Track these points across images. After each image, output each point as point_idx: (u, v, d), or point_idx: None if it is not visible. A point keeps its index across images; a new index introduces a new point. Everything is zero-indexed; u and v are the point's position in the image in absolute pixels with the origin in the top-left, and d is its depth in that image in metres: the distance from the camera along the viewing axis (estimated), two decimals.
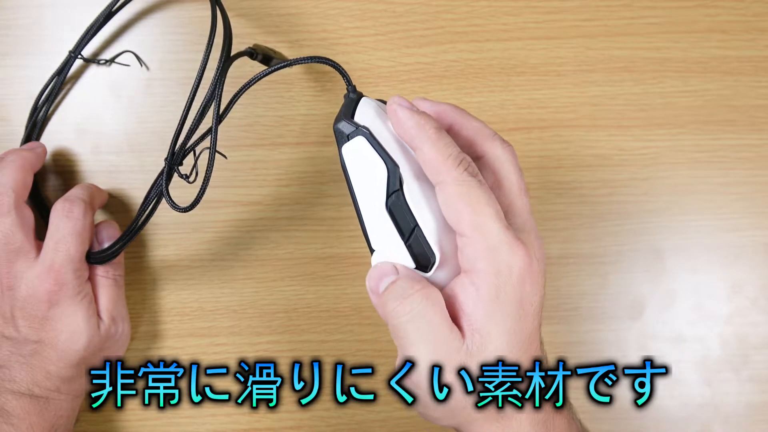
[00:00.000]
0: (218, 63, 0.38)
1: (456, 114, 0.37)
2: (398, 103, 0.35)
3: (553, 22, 0.49)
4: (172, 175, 0.39)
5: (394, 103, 0.35)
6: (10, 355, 0.41)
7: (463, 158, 0.34)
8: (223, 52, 0.39)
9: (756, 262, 0.49)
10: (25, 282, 0.41)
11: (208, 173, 0.38)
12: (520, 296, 0.33)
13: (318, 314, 0.48)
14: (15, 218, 0.41)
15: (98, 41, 0.47)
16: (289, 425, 0.48)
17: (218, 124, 0.38)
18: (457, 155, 0.34)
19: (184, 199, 0.39)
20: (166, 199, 0.39)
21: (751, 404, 0.49)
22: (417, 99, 0.37)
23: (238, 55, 0.40)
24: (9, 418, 0.40)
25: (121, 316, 0.45)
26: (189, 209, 0.38)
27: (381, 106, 0.37)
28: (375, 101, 0.37)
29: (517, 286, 0.33)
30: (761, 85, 0.49)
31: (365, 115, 0.36)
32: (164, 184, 0.39)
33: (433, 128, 0.34)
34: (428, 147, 0.34)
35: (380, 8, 0.48)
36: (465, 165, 0.33)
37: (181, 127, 0.39)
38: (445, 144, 0.34)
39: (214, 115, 0.38)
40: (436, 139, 0.34)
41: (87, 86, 0.48)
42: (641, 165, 0.49)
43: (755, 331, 0.49)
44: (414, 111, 0.35)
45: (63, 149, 0.47)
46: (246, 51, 0.41)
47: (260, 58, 0.42)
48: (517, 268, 0.33)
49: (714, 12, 0.49)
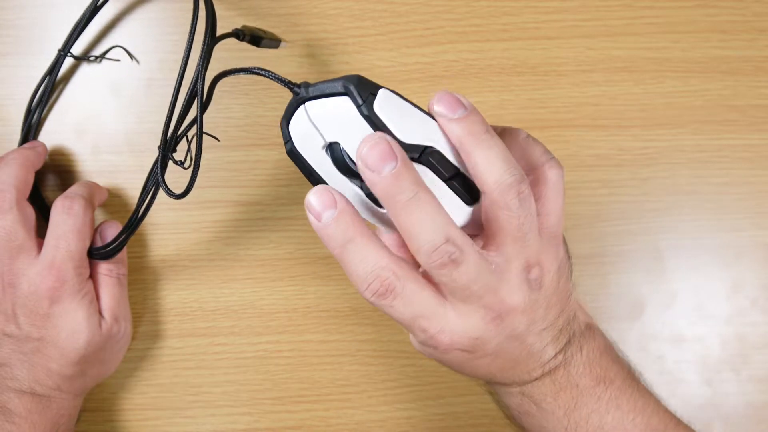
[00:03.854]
0: (203, 44, 0.38)
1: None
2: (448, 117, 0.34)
3: (553, 22, 0.49)
4: (167, 162, 0.39)
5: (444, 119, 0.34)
6: (12, 353, 0.41)
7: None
8: (207, 32, 0.38)
9: (756, 262, 0.49)
10: (27, 279, 0.41)
11: (198, 155, 0.37)
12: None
13: (318, 314, 0.48)
14: (17, 215, 0.41)
15: (98, 41, 0.47)
16: (289, 425, 0.48)
17: (203, 106, 0.37)
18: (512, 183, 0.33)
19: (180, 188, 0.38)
20: (162, 188, 0.38)
21: (751, 404, 0.49)
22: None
23: (224, 36, 0.39)
24: (11, 417, 0.40)
25: (124, 315, 0.45)
26: (183, 195, 0.38)
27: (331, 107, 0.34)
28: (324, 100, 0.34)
29: None
30: (761, 85, 0.49)
31: (298, 123, 0.34)
32: (160, 173, 0.38)
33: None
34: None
35: (380, 8, 0.48)
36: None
37: (171, 114, 0.38)
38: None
39: (199, 97, 0.37)
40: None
41: (86, 86, 0.48)
42: (641, 165, 0.49)
43: (755, 331, 0.49)
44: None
45: (62, 149, 0.47)
46: (233, 32, 0.40)
47: (248, 39, 0.41)
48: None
49: (714, 12, 0.49)
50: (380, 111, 0.33)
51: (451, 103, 0.33)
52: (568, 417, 0.36)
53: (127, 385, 0.47)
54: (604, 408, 0.36)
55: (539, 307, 0.35)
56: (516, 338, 0.35)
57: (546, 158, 0.36)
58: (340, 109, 0.33)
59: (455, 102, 0.33)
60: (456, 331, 0.34)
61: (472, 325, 0.34)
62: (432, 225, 0.32)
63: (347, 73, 0.48)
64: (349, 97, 0.33)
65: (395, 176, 0.31)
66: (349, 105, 0.33)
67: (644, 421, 0.36)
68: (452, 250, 0.32)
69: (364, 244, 0.33)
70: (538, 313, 0.35)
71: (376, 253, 0.33)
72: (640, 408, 0.37)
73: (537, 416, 0.37)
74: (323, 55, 0.48)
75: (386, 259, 0.33)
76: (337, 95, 0.33)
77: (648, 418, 0.37)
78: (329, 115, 0.33)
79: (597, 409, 0.36)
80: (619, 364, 0.38)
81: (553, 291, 0.35)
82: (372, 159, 0.31)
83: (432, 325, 0.34)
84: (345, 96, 0.33)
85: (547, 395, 0.37)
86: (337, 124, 0.33)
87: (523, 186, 0.33)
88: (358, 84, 0.33)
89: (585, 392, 0.36)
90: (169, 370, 0.48)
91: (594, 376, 0.36)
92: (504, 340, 0.35)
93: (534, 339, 0.35)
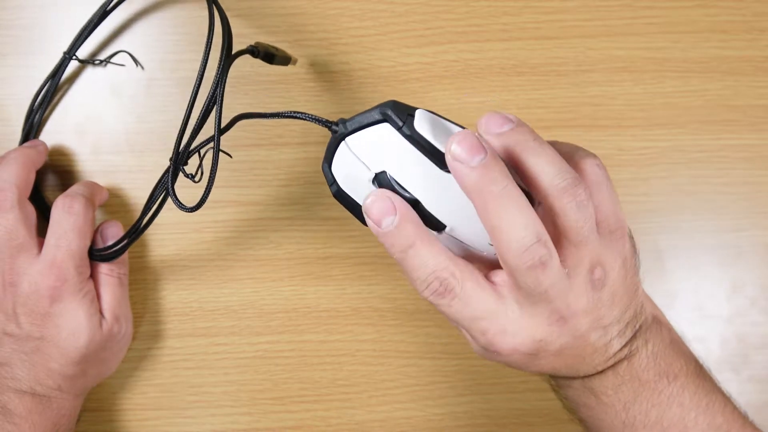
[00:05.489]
0: (219, 61, 0.38)
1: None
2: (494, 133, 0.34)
3: (553, 22, 0.49)
4: (177, 174, 0.39)
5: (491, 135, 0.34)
6: (12, 352, 0.41)
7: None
8: (223, 49, 0.39)
9: (756, 262, 0.49)
10: (27, 278, 0.41)
11: (212, 176, 0.38)
12: None
13: (318, 314, 0.48)
14: (18, 214, 0.41)
15: (98, 42, 0.47)
16: (289, 425, 0.48)
17: (220, 127, 0.38)
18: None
19: (185, 199, 0.38)
20: (172, 199, 0.38)
21: (751, 404, 0.49)
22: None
23: (240, 53, 0.40)
24: (11, 417, 0.40)
25: (125, 315, 0.45)
26: (195, 209, 0.38)
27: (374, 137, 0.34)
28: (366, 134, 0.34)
29: None
30: (761, 85, 0.49)
31: (341, 160, 0.35)
32: (170, 184, 0.38)
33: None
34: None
35: (380, 8, 0.48)
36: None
37: (184, 127, 0.38)
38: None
39: (216, 118, 0.38)
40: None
41: (87, 87, 0.48)
42: (641, 165, 0.49)
43: (755, 331, 0.49)
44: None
45: (63, 149, 0.47)
46: (247, 49, 0.41)
47: (261, 55, 0.42)
48: None
49: (714, 12, 0.49)
50: (421, 129, 0.33)
51: (499, 120, 0.34)
52: (627, 411, 0.36)
53: (127, 385, 0.47)
54: (665, 403, 0.35)
55: (603, 305, 0.34)
56: (580, 337, 0.34)
57: (574, 150, 0.36)
58: (382, 137, 0.33)
59: (502, 118, 0.34)
60: (518, 333, 0.34)
61: (535, 327, 0.34)
62: (523, 221, 0.31)
63: (347, 73, 0.48)
64: (388, 123, 0.33)
65: (485, 166, 0.31)
66: (389, 130, 0.33)
67: (707, 420, 0.36)
68: (543, 252, 0.31)
69: (425, 248, 0.33)
70: (602, 311, 0.34)
71: (437, 255, 0.33)
72: (704, 406, 0.36)
73: (596, 409, 0.37)
74: (323, 55, 0.48)
75: (446, 261, 0.33)
76: (376, 123, 0.34)
77: (711, 417, 0.36)
78: (372, 146, 0.34)
79: (658, 404, 0.35)
80: (684, 359, 0.37)
81: (619, 286, 0.35)
82: (461, 151, 0.31)
83: (492, 326, 0.34)
84: (384, 122, 0.33)
85: (608, 388, 0.36)
86: (381, 152, 0.34)
87: (578, 189, 0.32)
88: (395, 108, 0.33)
89: (647, 386, 0.36)
90: (169, 370, 0.48)
91: (658, 371, 0.36)
92: (568, 340, 0.34)
93: (598, 335, 0.35)
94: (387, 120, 0.33)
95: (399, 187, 0.33)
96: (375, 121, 0.33)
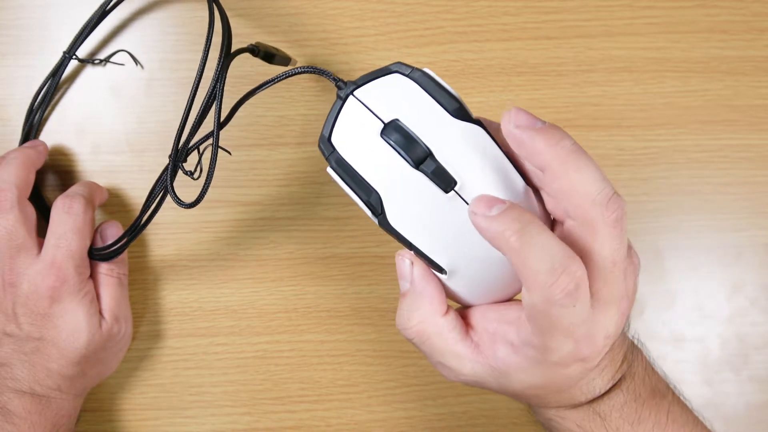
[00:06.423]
0: (218, 59, 0.38)
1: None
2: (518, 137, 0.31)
3: (553, 22, 0.49)
4: (176, 172, 0.39)
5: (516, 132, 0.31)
6: (12, 352, 0.41)
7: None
8: (223, 47, 0.39)
9: (756, 262, 0.49)
10: (27, 278, 0.41)
11: (211, 171, 0.38)
12: None
13: (318, 314, 0.48)
14: (18, 214, 0.41)
15: (98, 41, 0.47)
16: (289, 425, 0.48)
17: (219, 122, 0.38)
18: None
19: (184, 198, 0.38)
20: (171, 196, 0.38)
21: (751, 404, 0.49)
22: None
23: (240, 51, 0.40)
24: (11, 418, 0.40)
25: (124, 315, 0.45)
26: (193, 205, 0.38)
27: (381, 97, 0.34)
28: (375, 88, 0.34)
29: None
30: (761, 85, 0.49)
31: (347, 117, 0.34)
32: (169, 181, 0.38)
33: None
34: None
35: (380, 8, 0.48)
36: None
37: (183, 125, 0.38)
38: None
39: (216, 114, 0.38)
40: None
41: (87, 86, 0.48)
42: (641, 165, 0.49)
43: (755, 331, 0.49)
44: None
45: (63, 149, 0.47)
46: (248, 47, 0.41)
47: (262, 55, 0.42)
48: None
49: (714, 12, 0.49)
50: (431, 75, 0.34)
51: (528, 118, 0.32)
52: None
53: (127, 385, 0.47)
54: (663, 421, 0.35)
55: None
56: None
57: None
58: (393, 86, 0.34)
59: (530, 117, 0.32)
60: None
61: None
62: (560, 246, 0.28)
63: (347, 73, 0.48)
64: (399, 73, 0.34)
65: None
66: (400, 79, 0.34)
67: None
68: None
69: (544, 229, 0.28)
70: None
71: (558, 241, 0.28)
72: (692, 423, 0.36)
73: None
74: (323, 55, 0.48)
75: (569, 249, 0.28)
76: (386, 75, 0.34)
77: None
78: (383, 93, 0.34)
79: (658, 422, 0.35)
80: (662, 376, 0.37)
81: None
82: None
83: (581, 332, 0.30)
84: (395, 73, 0.34)
85: (614, 409, 0.35)
86: (392, 98, 0.34)
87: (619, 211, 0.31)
88: (402, 64, 0.34)
89: (645, 404, 0.35)
90: (169, 370, 0.48)
91: (650, 387, 0.36)
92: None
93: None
94: (398, 71, 0.34)
95: (411, 133, 0.33)
96: (385, 72, 0.34)
